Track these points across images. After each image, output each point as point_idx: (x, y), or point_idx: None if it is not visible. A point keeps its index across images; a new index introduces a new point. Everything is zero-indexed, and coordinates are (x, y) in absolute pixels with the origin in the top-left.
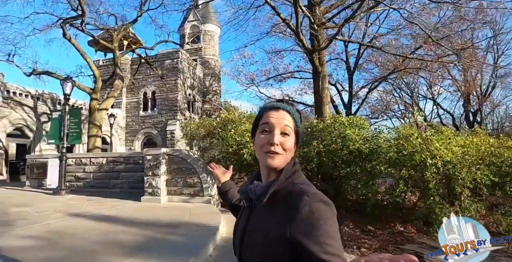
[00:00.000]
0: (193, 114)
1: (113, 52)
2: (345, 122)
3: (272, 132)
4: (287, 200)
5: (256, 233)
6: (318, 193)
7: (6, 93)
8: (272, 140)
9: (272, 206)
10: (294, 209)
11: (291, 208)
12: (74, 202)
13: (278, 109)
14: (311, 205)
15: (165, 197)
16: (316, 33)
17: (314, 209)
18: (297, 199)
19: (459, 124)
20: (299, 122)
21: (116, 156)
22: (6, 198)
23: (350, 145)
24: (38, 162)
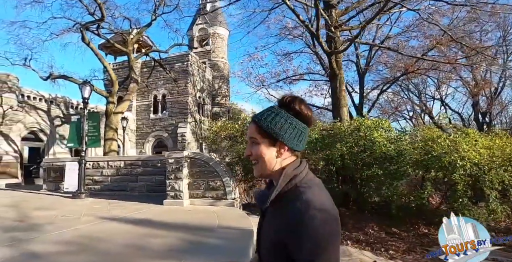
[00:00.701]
0: (202, 117)
1: (128, 55)
2: (371, 125)
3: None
4: (285, 206)
5: (264, 238)
6: (314, 199)
7: (21, 97)
8: (245, 153)
9: (276, 211)
10: (286, 216)
11: (285, 215)
12: (97, 205)
13: (251, 122)
14: (301, 213)
15: (188, 200)
16: (334, 36)
17: (305, 217)
18: (291, 205)
19: (467, 125)
20: (268, 123)
21: (134, 159)
22: (27, 201)
23: (377, 148)
24: (55, 166)
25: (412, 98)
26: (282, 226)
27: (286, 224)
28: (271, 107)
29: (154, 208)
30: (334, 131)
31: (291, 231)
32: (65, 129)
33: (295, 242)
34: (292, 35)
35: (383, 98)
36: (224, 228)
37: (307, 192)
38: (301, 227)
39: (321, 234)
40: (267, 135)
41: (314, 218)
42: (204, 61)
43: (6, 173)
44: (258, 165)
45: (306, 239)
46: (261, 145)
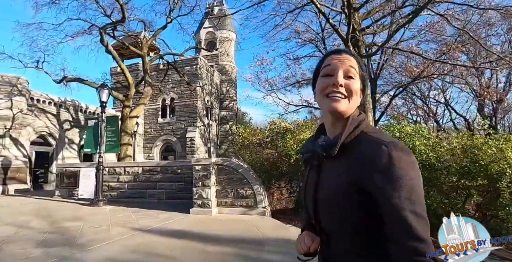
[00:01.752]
0: (211, 121)
1: (142, 58)
2: (411, 132)
3: (336, 73)
4: (361, 151)
5: (329, 187)
6: (396, 141)
7: (30, 100)
8: (336, 80)
9: (344, 159)
10: (371, 160)
11: (368, 159)
12: (120, 214)
13: (341, 53)
14: (390, 155)
15: (216, 208)
16: (359, 40)
17: (394, 159)
18: (374, 149)
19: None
20: (364, 67)
21: (153, 165)
22: (46, 209)
23: (417, 156)
24: (68, 171)
25: (417, 102)
26: (366, 171)
27: (372, 167)
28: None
29: (182, 217)
30: None
31: (384, 175)
32: (74, 133)
33: (385, 186)
34: (302, 38)
35: (384, 102)
36: (272, 240)
37: (382, 135)
38: (396, 170)
39: (413, 175)
40: (361, 76)
41: (403, 159)
42: (212, 65)
43: (15, 178)
44: (346, 100)
45: (400, 181)
46: (357, 81)
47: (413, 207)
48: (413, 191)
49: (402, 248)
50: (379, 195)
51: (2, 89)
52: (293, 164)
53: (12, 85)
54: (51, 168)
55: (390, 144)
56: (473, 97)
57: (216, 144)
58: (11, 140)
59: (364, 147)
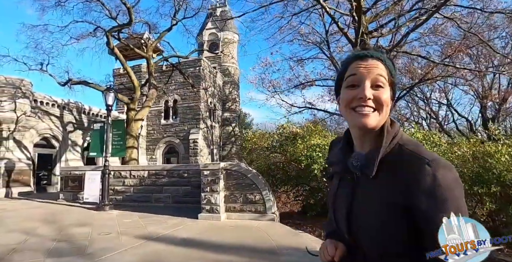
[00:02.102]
0: (214, 122)
1: (147, 61)
2: (421, 139)
3: (362, 84)
4: (403, 169)
5: (370, 211)
6: (438, 158)
7: (34, 102)
8: (363, 93)
9: (384, 177)
10: (414, 179)
11: (411, 178)
12: (127, 220)
13: (367, 58)
14: (435, 175)
15: (224, 214)
16: (366, 43)
17: (439, 180)
18: (416, 167)
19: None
20: (394, 72)
21: (159, 168)
22: (52, 214)
23: None
24: (73, 175)
25: (419, 103)
26: (409, 191)
27: (416, 187)
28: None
29: (191, 223)
30: None
31: (429, 195)
32: (77, 135)
33: (430, 208)
34: (306, 41)
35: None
36: (286, 248)
37: (423, 150)
38: (441, 190)
39: (458, 194)
40: (391, 83)
41: (447, 178)
42: (215, 66)
43: (19, 181)
44: (377, 113)
45: (446, 203)
46: (387, 90)
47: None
48: (459, 212)
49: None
50: (424, 218)
51: (6, 92)
52: (302, 169)
53: (15, 88)
54: (55, 170)
55: (433, 162)
56: (475, 98)
57: (219, 146)
58: (15, 142)
59: (405, 165)
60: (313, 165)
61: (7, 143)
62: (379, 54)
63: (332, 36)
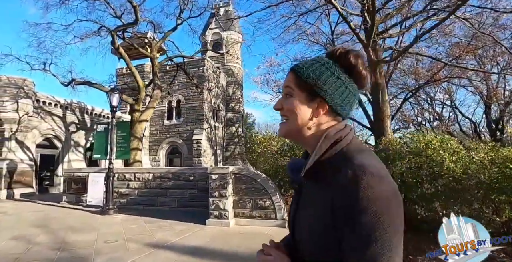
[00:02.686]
0: (217, 123)
1: (152, 61)
2: (438, 145)
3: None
4: (333, 174)
5: (303, 220)
6: (368, 164)
7: (37, 102)
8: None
9: (318, 184)
10: (334, 187)
11: (333, 186)
12: (133, 225)
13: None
14: (354, 181)
15: (233, 219)
16: (378, 43)
17: (358, 188)
18: (340, 174)
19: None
20: (310, 73)
21: (164, 171)
22: (55, 218)
23: (444, 171)
24: (76, 177)
25: (423, 104)
26: (328, 198)
27: (334, 197)
28: (317, 57)
29: (199, 229)
30: (393, 147)
31: (340, 204)
32: (80, 136)
33: (345, 219)
34: (311, 40)
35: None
36: None
37: (357, 157)
38: (352, 199)
39: (379, 208)
40: (307, 87)
41: (369, 186)
42: (218, 66)
43: (21, 182)
44: (287, 122)
45: (359, 214)
46: (296, 98)
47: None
48: (375, 233)
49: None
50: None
51: (8, 91)
52: None
53: (18, 87)
54: (57, 171)
55: (358, 167)
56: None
57: (222, 146)
58: (17, 143)
59: (336, 172)
60: None
61: (9, 144)
62: (295, 65)
63: (337, 36)
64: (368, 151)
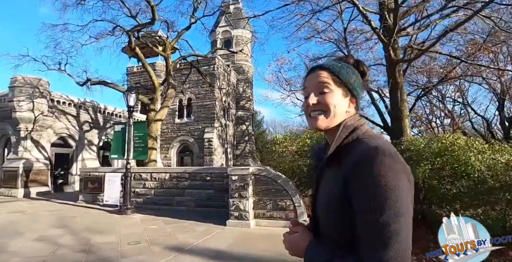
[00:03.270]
0: (228, 121)
1: (166, 60)
2: (464, 145)
3: (309, 95)
4: (350, 157)
5: (324, 196)
6: (382, 144)
7: (51, 102)
8: (308, 102)
9: (336, 166)
10: (355, 166)
11: (352, 165)
12: (153, 226)
13: (314, 70)
14: (369, 159)
15: (253, 220)
16: (397, 41)
17: (374, 165)
18: (359, 154)
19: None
20: (345, 74)
21: (181, 171)
22: (74, 217)
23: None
24: (92, 176)
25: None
26: (345, 177)
27: (348, 172)
28: (339, 61)
29: (220, 230)
30: (416, 147)
31: (355, 179)
32: (93, 134)
33: (359, 192)
34: (323, 38)
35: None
36: None
37: (372, 141)
38: (366, 173)
39: (390, 181)
40: (342, 85)
41: (381, 163)
42: (228, 64)
43: (37, 181)
44: (324, 115)
45: (372, 187)
46: (335, 93)
47: (381, 218)
48: (386, 203)
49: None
50: (354, 202)
51: (24, 91)
52: None
53: (33, 87)
54: (71, 170)
55: (372, 147)
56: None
57: (232, 145)
58: (32, 142)
59: (353, 153)
60: None
61: (25, 143)
62: (325, 64)
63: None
64: (381, 137)
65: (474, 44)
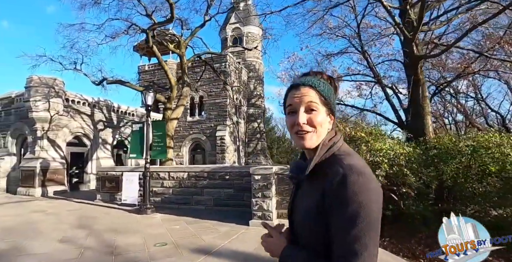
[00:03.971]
0: (239, 119)
1: (181, 58)
2: (500, 142)
3: (297, 112)
4: (326, 174)
5: (300, 207)
6: (355, 164)
7: (66, 101)
8: (297, 121)
9: (313, 181)
10: (326, 181)
11: (325, 180)
12: (176, 226)
13: (299, 87)
14: (344, 179)
15: (276, 220)
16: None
17: (347, 183)
18: (334, 171)
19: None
20: (328, 93)
21: (199, 170)
22: (94, 218)
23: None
24: (110, 175)
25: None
26: (321, 192)
27: (326, 189)
28: (319, 77)
29: (244, 231)
30: (443, 146)
31: (331, 195)
32: (107, 133)
33: (334, 207)
34: (336, 34)
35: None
36: None
37: (347, 158)
38: (342, 191)
39: (362, 199)
40: (326, 104)
41: (356, 182)
42: (239, 61)
43: (53, 180)
44: (312, 133)
45: (346, 203)
46: (320, 112)
47: (353, 231)
48: (358, 218)
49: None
50: (329, 216)
51: (40, 91)
52: None
53: (49, 87)
54: (86, 169)
55: (347, 166)
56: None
57: (244, 142)
58: (49, 142)
59: (330, 171)
60: (377, 171)
61: (41, 142)
62: (311, 82)
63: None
64: (355, 154)
65: (491, 38)
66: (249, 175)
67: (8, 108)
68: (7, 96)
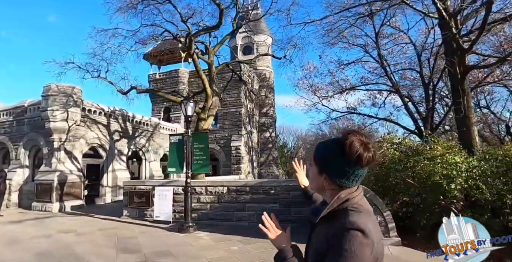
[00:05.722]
0: (252, 128)
1: (209, 66)
2: None
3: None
4: (334, 223)
5: (313, 248)
6: (358, 221)
7: (83, 111)
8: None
9: (324, 227)
10: (330, 231)
11: (330, 230)
12: (234, 247)
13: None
14: (344, 233)
15: None
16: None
17: (345, 238)
18: (338, 225)
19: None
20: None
21: (240, 184)
22: (131, 238)
23: None
24: (138, 190)
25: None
26: (324, 240)
27: (328, 238)
28: (331, 141)
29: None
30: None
31: (331, 245)
32: (122, 144)
33: (330, 253)
34: (352, 43)
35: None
36: None
37: (354, 214)
38: (339, 243)
39: (357, 253)
40: (317, 164)
41: (355, 239)
42: (250, 70)
43: (71, 194)
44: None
45: (340, 255)
46: (313, 170)
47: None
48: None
49: None
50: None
51: (58, 100)
52: (428, 190)
53: (67, 96)
54: (102, 181)
55: (349, 223)
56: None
57: (257, 152)
58: (66, 153)
59: (338, 222)
60: (451, 184)
61: (58, 154)
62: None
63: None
64: (366, 212)
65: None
66: (296, 189)
67: (21, 118)
68: (20, 105)
